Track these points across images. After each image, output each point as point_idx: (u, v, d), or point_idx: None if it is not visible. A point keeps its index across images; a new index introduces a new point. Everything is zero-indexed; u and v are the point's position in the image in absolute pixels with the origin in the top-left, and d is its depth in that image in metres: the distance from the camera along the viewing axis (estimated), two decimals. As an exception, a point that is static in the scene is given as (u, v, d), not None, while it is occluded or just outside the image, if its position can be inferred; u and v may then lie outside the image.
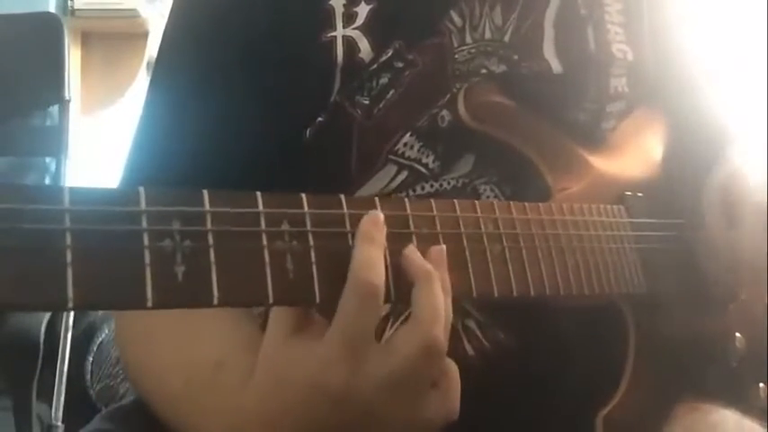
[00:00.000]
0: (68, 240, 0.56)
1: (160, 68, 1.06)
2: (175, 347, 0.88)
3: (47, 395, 2.27)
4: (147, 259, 0.59)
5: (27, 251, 0.54)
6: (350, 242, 0.70)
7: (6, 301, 0.54)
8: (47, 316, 2.27)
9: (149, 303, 0.59)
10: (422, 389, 0.74)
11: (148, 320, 0.89)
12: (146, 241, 0.59)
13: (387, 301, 0.72)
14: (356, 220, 0.71)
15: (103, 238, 0.57)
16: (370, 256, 0.70)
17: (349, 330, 0.70)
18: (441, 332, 0.72)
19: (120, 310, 0.64)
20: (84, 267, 0.56)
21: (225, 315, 0.86)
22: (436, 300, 0.73)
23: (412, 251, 0.74)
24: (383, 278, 0.70)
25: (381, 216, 0.72)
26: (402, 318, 0.95)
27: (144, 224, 0.59)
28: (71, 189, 0.57)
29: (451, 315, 0.74)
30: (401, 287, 0.72)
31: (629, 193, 0.99)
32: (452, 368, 0.76)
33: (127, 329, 0.97)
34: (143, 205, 0.60)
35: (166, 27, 1.06)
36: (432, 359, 0.73)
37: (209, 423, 0.82)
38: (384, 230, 0.72)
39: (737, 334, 1.03)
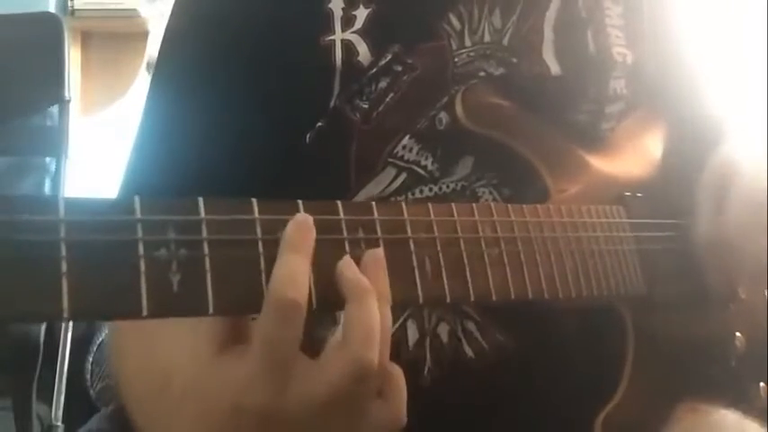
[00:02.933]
0: (63, 251, 0.56)
1: (160, 73, 1.06)
2: (139, 353, 0.87)
3: (47, 395, 2.26)
4: (143, 269, 0.59)
5: (22, 262, 0.54)
6: (347, 248, 0.70)
7: (1, 313, 0.54)
8: (47, 316, 2.26)
9: (145, 313, 0.58)
10: (358, 406, 0.70)
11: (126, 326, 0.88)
12: (141, 251, 0.59)
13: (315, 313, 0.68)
14: (353, 226, 0.71)
15: (98, 248, 0.57)
16: (292, 269, 0.66)
17: (270, 348, 0.66)
18: (374, 353, 0.68)
19: (115, 320, 0.63)
20: (79, 278, 0.56)
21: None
22: (370, 319, 0.68)
23: (345, 264, 0.70)
24: (305, 292, 0.66)
25: (310, 220, 0.68)
26: (401, 319, 0.96)
27: (139, 233, 0.59)
28: (66, 199, 0.57)
29: (390, 327, 0.70)
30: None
31: (629, 193, 0.99)
32: (397, 374, 0.72)
33: (114, 334, 0.97)
34: (138, 214, 0.60)
35: (166, 31, 1.06)
36: (363, 380, 0.68)
37: None
38: (312, 236, 0.68)
39: (737, 333, 1.03)
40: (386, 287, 0.70)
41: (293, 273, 0.66)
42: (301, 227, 0.67)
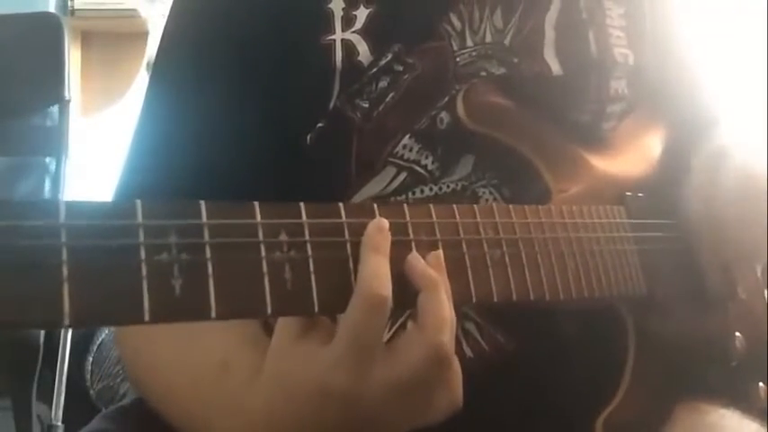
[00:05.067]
0: (64, 256, 0.55)
1: (158, 73, 1.06)
2: (180, 347, 0.88)
3: (47, 395, 2.26)
4: (144, 273, 0.59)
5: (22, 268, 0.54)
6: (348, 251, 0.70)
7: (1, 319, 0.53)
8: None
9: (147, 318, 0.58)
10: (430, 392, 0.74)
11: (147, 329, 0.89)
12: (142, 255, 0.59)
13: None
14: (355, 229, 0.71)
15: (100, 252, 0.57)
16: (377, 267, 0.71)
17: (357, 339, 0.70)
18: (447, 339, 0.73)
19: (117, 325, 0.64)
20: (80, 283, 0.55)
21: None
22: (442, 307, 0.73)
23: (416, 258, 0.74)
24: (390, 288, 0.70)
25: (386, 224, 0.72)
26: (401, 320, 0.96)
27: (141, 238, 0.59)
28: (66, 203, 0.56)
29: (455, 319, 0.75)
30: (402, 294, 0.72)
31: (630, 193, 0.99)
32: (456, 363, 0.76)
33: (127, 329, 0.97)
34: (140, 219, 0.59)
35: (164, 30, 1.06)
36: (438, 365, 0.73)
37: (216, 422, 0.82)
38: (389, 238, 0.72)
39: (737, 334, 1.03)
40: (448, 284, 0.75)
41: (379, 271, 0.70)
42: (381, 229, 0.72)
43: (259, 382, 0.77)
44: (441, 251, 0.76)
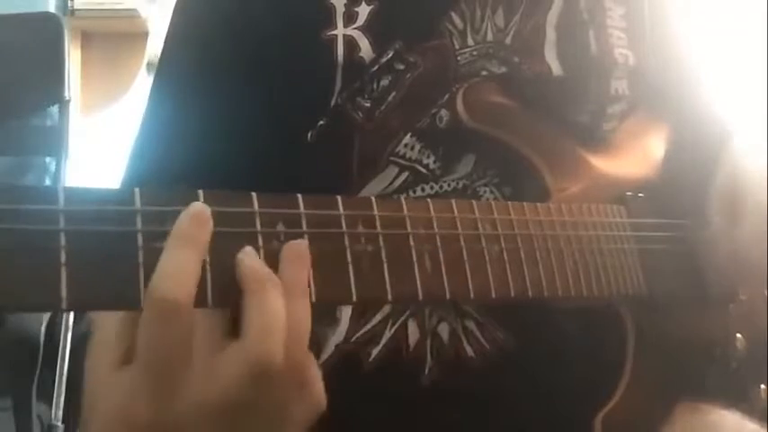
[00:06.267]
0: (63, 241, 0.56)
1: (163, 69, 1.06)
2: None
3: (47, 395, 2.27)
4: (141, 260, 0.59)
5: (21, 252, 0.54)
6: (346, 243, 0.70)
7: (0, 302, 0.54)
8: (47, 316, 2.28)
9: (142, 304, 0.58)
10: (273, 403, 0.65)
11: None
12: (140, 242, 0.59)
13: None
14: (353, 221, 0.71)
15: (98, 238, 0.57)
16: (176, 265, 0.60)
17: (152, 354, 0.61)
18: (273, 348, 0.63)
19: (113, 310, 0.60)
20: (78, 268, 0.56)
21: None
22: (266, 314, 0.63)
23: (245, 254, 0.64)
24: (188, 291, 0.60)
25: (207, 212, 0.63)
26: (402, 318, 0.96)
27: (138, 225, 0.59)
28: (66, 189, 0.57)
29: (305, 321, 0.66)
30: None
31: (630, 193, 0.99)
32: (311, 361, 0.68)
33: None
34: (138, 205, 0.60)
35: (168, 29, 1.06)
36: (265, 378, 0.63)
37: None
38: (208, 229, 0.62)
39: (738, 335, 1.03)
40: (299, 279, 0.66)
41: (177, 270, 0.60)
42: (197, 219, 0.62)
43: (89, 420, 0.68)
44: (304, 241, 0.67)
